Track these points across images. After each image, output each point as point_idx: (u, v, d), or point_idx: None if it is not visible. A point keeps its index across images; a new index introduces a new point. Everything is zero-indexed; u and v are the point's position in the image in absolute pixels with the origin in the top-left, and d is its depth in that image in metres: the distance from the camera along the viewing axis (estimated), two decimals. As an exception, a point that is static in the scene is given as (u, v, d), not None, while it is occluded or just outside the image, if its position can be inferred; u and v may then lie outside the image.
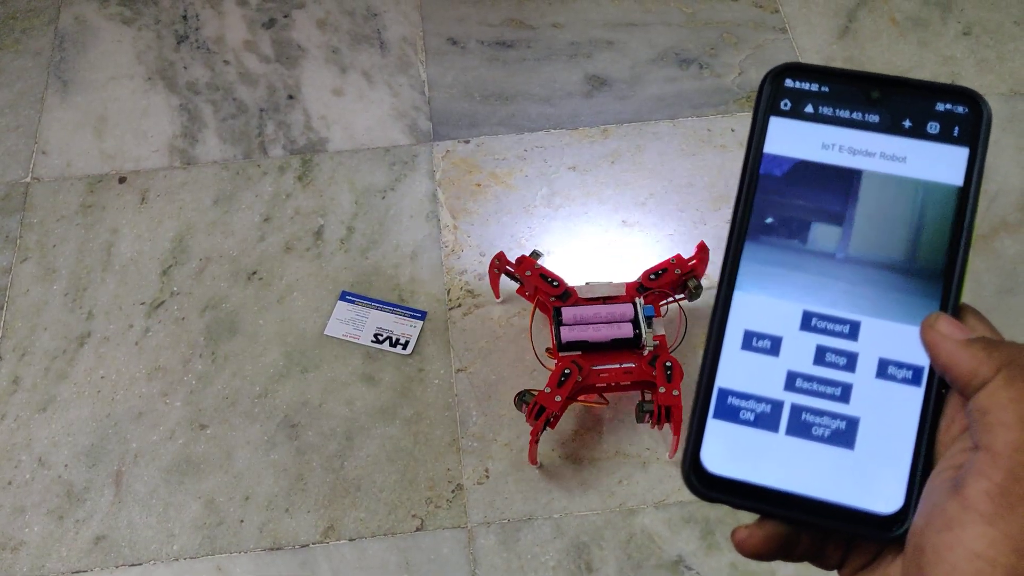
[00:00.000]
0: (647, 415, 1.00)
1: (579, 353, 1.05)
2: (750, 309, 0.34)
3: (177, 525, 1.05)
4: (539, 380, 1.12)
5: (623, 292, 1.09)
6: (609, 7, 1.47)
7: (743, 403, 0.33)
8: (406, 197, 1.28)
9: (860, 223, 0.34)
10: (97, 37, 1.45)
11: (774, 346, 0.33)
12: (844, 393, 0.32)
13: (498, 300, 1.18)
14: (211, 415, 1.11)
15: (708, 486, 0.32)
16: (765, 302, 0.33)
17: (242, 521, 1.05)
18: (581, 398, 1.06)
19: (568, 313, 1.06)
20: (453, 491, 1.06)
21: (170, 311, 1.19)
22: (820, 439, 0.32)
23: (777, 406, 0.32)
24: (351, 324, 1.17)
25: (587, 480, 1.06)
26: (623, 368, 1.04)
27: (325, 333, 1.17)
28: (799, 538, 0.32)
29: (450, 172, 1.30)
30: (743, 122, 1.34)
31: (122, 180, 1.31)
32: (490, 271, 1.14)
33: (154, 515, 1.05)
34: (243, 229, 1.26)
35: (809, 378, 0.33)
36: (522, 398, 1.03)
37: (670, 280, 1.08)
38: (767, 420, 0.32)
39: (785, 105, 0.35)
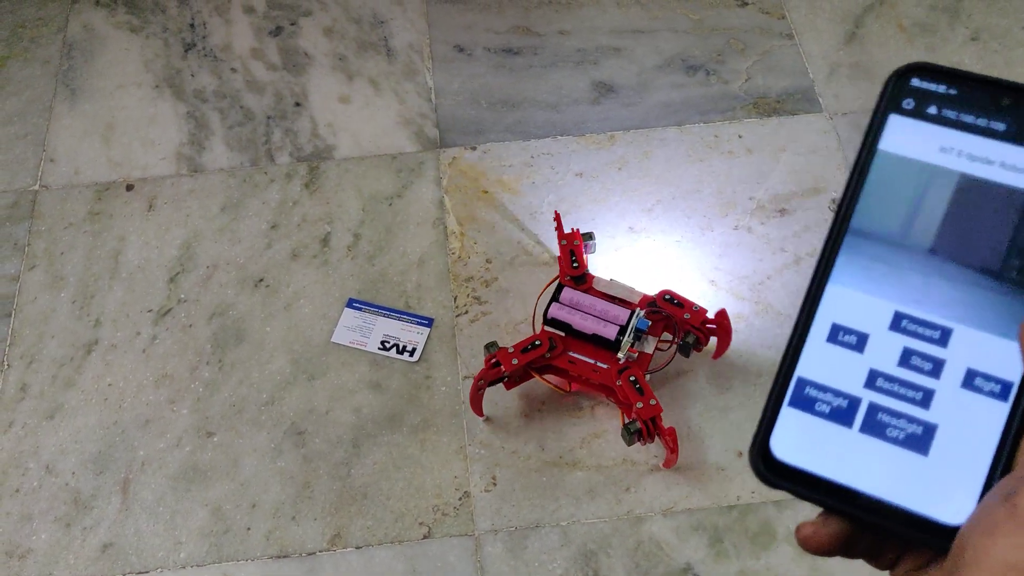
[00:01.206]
0: (635, 435, 0.99)
1: (562, 334, 1.06)
2: (841, 303, 0.33)
3: (184, 533, 1.05)
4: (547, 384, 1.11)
5: (636, 301, 1.09)
6: (616, 14, 1.47)
7: (820, 395, 0.33)
8: (413, 204, 1.28)
9: (965, 230, 0.33)
10: (105, 45, 1.46)
11: (860, 342, 0.33)
12: (925, 398, 0.32)
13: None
14: (218, 423, 1.11)
15: (775, 472, 0.32)
16: (857, 298, 0.33)
17: (249, 529, 1.05)
18: (546, 376, 1.07)
19: (567, 295, 1.08)
20: (460, 499, 1.06)
21: (177, 318, 1.19)
22: (894, 441, 0.32)
23: (855, 402, 0.32)
24: (358, 331, 1.17)
25: (594, 487, 1.06)
26: (594, 365, 1.04)
27: (332, 340, 1.16)
28: (861, 536, 0.32)
29: (457, 179, 1.30)
30: (750, 128, 1.33)
31: (130, 188, 1.31)
32: (556, 220, 1.14)
33: (161, 523, 1.05)
34: (250, 236, 1.26)
35: (891, 379, 0.32)
36: (488, 348, 1.05)
37: (679, 314, 1.05)
38: (842, 415, 0.32)
39: (907, 104, 0.34)
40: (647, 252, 1.22)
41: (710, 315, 1.07)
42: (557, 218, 1.13)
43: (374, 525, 1.04)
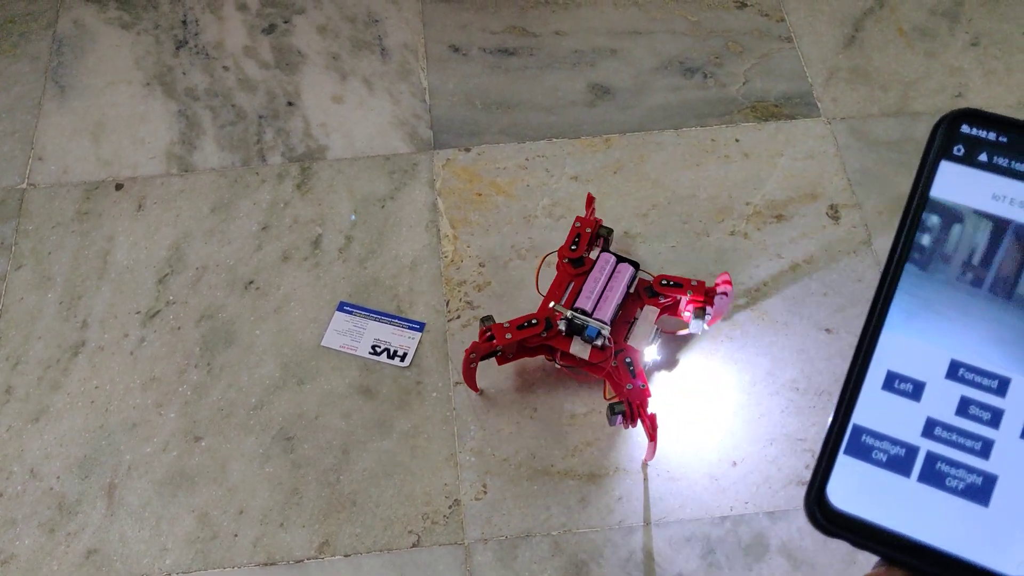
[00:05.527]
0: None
1: (582, 270, 1.08)
2: (896, 350, 0.33)
3: (170, 539, 1.03)
4: (539, 392, 1.10)
5: (652, 333, 1.08)
6: (613, 15, 1.45)
7: (877, 443, 0.32)
8: (406, 206, 1.26)
9: (1019, 278, 0.33)
10: (96, 42, 1.44)
11: (916, 391, 0.33)
12: (984, 448, 0.32)
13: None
14: (206, 427, 1.10)
15: (831, 521, 0.32)
16: (912, 345, 0.33)
17: (236, 535, 1.03)
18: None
19: (619, 268, 1.08)
20: (450, 507, 1.04)
21: (166, 320, 1.18)
22: (953, 491, 0.31)
23: (912, 451, 0.32)
24: (348, 335, 1.15)
25: (586, 497, 1.04)
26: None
27: (322, 344, 1.15)
28: None
29: (450, 181, 1.28)
30: (747, 132, 1.32)
31: (119, 187, 1.29)
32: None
33: (147, 529, 1.04)
34: (240, 237, 1.24)
35: (949, 428, 0.32)
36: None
37: (624, 380, 1.01)
38: (900, 464, 0.32)
39: (958, 151, 0.34)
40: (641, 258, 1.20)
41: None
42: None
43: (363, 533, 1.03)
